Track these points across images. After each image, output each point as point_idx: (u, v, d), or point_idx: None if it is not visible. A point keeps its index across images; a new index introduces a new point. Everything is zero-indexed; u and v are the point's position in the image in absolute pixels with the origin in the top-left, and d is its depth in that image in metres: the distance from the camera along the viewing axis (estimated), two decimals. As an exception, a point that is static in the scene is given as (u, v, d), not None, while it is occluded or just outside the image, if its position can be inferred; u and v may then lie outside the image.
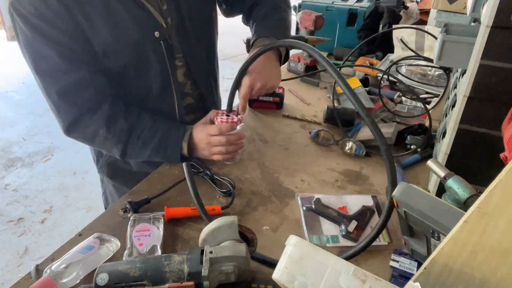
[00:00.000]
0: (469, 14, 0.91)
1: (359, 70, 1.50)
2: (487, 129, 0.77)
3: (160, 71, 0.99)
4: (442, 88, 1.36)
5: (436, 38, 1.42)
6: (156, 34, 0.94)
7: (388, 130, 1.15)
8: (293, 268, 0.51)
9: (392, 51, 1.71)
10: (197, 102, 1.12)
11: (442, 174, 0.76)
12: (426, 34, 1.57)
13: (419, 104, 1.37)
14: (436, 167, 0.78)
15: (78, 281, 0.67)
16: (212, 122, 1.00)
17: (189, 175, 0.88)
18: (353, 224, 0.82)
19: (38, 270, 0.71)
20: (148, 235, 0.75)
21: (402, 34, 1.64)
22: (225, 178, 0.97)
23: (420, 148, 1.11)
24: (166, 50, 0.97)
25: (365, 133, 1.16)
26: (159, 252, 0.73)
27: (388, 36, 1.72)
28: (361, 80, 1.41)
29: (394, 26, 1.72)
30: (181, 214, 0.85)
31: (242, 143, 1.00)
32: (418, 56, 1.52)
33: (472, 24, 1.15)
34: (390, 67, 1.41)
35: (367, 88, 1.44)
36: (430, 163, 0.80)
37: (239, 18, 1.23)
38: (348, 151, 1.10)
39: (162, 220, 0.80)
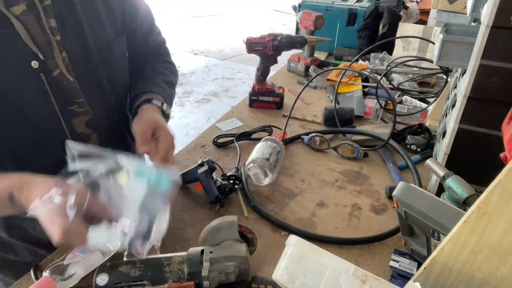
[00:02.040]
0: (469, 14, 0.91)
1: (359, 68, 1.50)
2: (487, 129, 0.77)
3: (46, 119, 0.73)
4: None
5: (433, 43, 1.42)
6: (34, 64, 0.68)
7: (384, 131, 1.16)
8: (293, 268, 0.51)
9: (392, 51, 1.72)
10: None
11: (441, 173, 0.76)
12: (431, 33, 1.57)
13: (419, 104, 1.37)
14: (435, 167, 0.78)
15: (78, 281, 0.67)
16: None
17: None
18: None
19: (38, 270, 0.71)
20: (148, 235, 0.74)
21: (407, 34, 1.64)
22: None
23: (420, 148, 1.11)
24: (50, 87, 0.71)
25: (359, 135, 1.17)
26: (159, 252, 0.73)
27: (389, 36, 1.72)
28: (362, 79, 1.42)
29: (400, 24, 1.72)
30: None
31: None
32: (417, 58, 1.53)
33: (472, 24, 1.15)
34: (388, 69, 1.41)
35: (366, 89, 1.44)
36: (429, 162, 0.80)
37: (239, 17, 1.23)
38: (347, 154, 1.09)
39: None
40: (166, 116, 0.85)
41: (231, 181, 0.94)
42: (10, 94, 0.67)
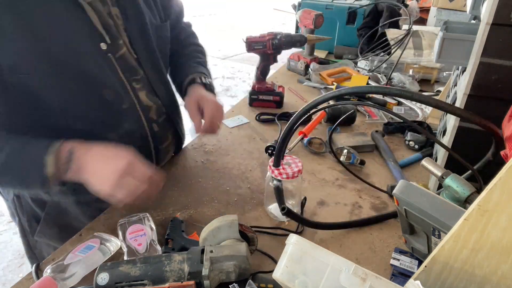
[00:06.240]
0: (469, 12, 0.91)
1: (358, 80, 1.50)
2: (487, 126, 0.77)
3: (119, 93, 0.83)
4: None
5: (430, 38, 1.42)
6: (102, 46, 0.78)
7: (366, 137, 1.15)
8: (294, 267, 0.51)
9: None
10: (162, 130, 0.95)
11: (438, 173, 0.75)
12: (422, 33, 1.57)
13: (418, 105, 1.37)
14: (431, 167, 0.77)
15: (79, 280, 0.68)
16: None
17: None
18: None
19: (39, 270, 0.71)
20: (143, 234, 0.74)
21: (398, 35, 1.64)
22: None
23: (419, 145, 1.11)
24: (118, 65, 0.82)
25: (349, 139, 1.13)
26: (158, 247, 0.73)
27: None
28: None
29: (387, 30, 1.73)
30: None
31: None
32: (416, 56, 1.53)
33: (472, 21, 1.15)
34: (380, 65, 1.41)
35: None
36: (424, 163, 0.78)
37: (239, 17, 1.22)
38: (343, 160, 1.05)
39: (151, 218, 0.79)
40: (211, 89, 1.01)
41: (269, 151, 1.08)
42: (86, 73, 0.77)
